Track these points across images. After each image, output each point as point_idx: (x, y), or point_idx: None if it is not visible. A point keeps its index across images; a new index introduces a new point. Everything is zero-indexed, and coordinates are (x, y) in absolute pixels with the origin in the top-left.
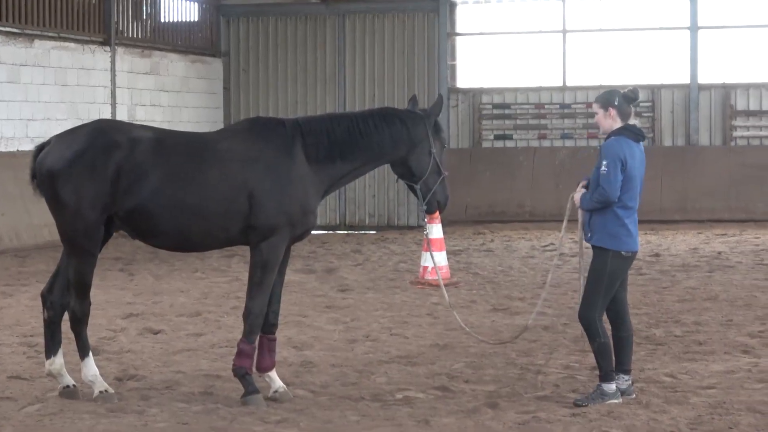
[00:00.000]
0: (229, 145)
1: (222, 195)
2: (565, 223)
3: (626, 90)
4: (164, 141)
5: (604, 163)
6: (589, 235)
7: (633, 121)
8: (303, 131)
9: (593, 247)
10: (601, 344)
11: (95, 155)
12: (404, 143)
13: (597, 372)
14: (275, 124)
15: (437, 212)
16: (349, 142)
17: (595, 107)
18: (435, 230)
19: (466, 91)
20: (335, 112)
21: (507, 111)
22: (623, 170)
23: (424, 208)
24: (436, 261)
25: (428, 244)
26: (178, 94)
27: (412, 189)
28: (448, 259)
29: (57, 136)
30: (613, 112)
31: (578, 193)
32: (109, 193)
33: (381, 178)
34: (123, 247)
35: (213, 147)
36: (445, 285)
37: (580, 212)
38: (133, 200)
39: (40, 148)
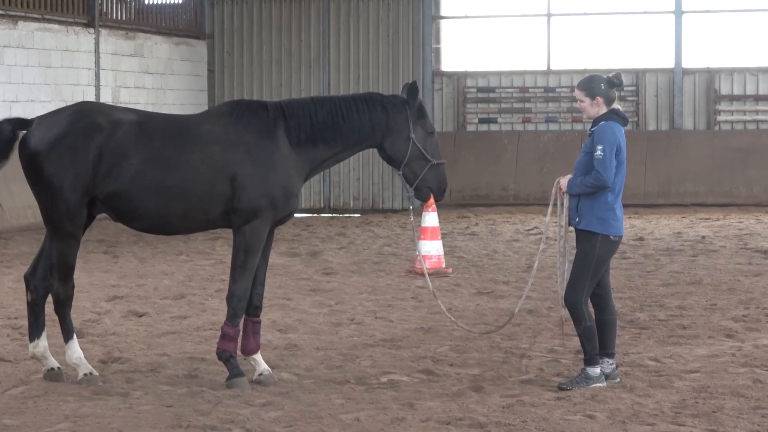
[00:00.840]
0: (211, 128)
1: (204, 178)
2: (550, 207)
3: (610, 75)
4: (146, 124)
5: (600, 147)
6: (577, 219)
7: (617, 105)
8: (285, 114)
9: (580, 231)
10: (587, 328)
11: (76, 138)
12: (381, 128)
13: (581, 356)
14: (257, 106)
15: (431, 200)
16: (331, 126)
17: (580, 95)
18: (428, 218)
19: (450, 75)
20: (318, 96)
21: (491, 95)
22: (617, 155)
23: (410, 194)
24: (427, 249)
25: (413, 232)
26: (162, 77)
27: (398, 175)
28: None
29: (39, 118)
30: (599, 100)
31: (564, 178)
32: (90, 176)
33: (365, 162)
34: (107, 229)
35: (195, 130)
36: (436, 275)
37: (566, 197)
38: (113, 183)
39: (15, 125)
